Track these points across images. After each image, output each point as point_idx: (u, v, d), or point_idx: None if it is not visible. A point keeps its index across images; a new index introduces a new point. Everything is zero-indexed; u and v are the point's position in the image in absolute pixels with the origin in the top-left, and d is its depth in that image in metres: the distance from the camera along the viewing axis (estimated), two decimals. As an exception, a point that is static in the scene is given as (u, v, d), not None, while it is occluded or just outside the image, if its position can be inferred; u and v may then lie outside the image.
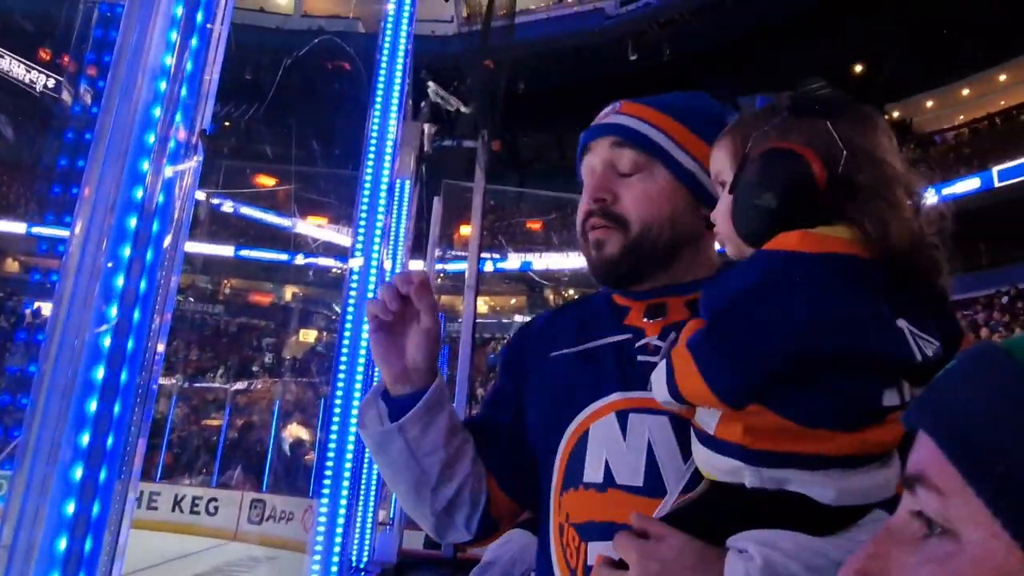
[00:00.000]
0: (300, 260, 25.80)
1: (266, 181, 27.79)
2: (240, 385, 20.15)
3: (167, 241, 1.71)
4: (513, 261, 27.27)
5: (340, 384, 6.61)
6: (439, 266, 16.18)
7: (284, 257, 26.60)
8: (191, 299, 27.06)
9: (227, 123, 25.16)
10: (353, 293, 6.56)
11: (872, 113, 0.88)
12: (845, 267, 0.76)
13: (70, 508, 1.48)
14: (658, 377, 0.83)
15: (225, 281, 29.85)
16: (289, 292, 30.29)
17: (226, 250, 27.12)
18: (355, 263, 6.78)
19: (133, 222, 1.62)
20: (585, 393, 1.02)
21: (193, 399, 19.41)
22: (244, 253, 27.40)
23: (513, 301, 30.14)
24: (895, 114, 26.44)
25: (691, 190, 1.09)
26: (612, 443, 0.97)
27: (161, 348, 1.80)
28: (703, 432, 0.81)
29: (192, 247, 25.20)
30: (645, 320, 1.06)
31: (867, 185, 0.79)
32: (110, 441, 1.55)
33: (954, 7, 20.63)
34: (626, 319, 1.08)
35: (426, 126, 9.29)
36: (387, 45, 5.90)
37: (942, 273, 0.80)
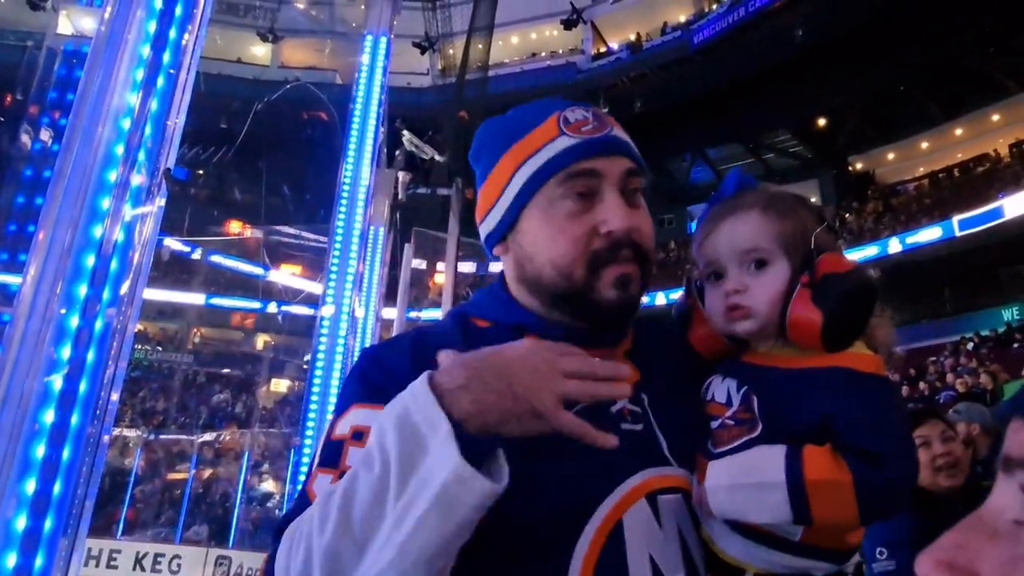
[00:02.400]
0: (272, 308, 25.50)
1: (239, 228, 27.65)
2: (208, 436, 19.62)
3: (125, 285, 1.67)
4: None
5: (309, 434, 6.48)
6: (413, 313, 16.10)
7: (256, 305, 26.29)
8: (159, 348, 26.55)
9: (200, 171, 25.14)
10: (324, 341, 6.49)
11: None
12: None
13: (10, 560, 1.40)
14: (754, 497, 0.81)
15: (195, 329, 29.38)
16: (261, 341, 29.86)
17: (196, 298, 26.78)
18: (327, 311, 6.73)
19: (91, 260, 1.58)
20: (601, 476, 0.86)
21: (158, 451, 18.84)
22: (215, 301, 27.07)
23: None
24: (858, 166, 27.26)
25: None
26: (651, 534, 0.85)
27: (115, 397, 1.73)
28: (779, 538, 0.82)
29: (162, 295, 24.85)
30: None
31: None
32: (57, 489, 1.48)
33: (910, 65, 21.54)
34: None
35: (400, 174, 9.36)
36: (361, 94, 5.98)
37: None
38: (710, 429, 0.91)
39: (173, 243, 20.42)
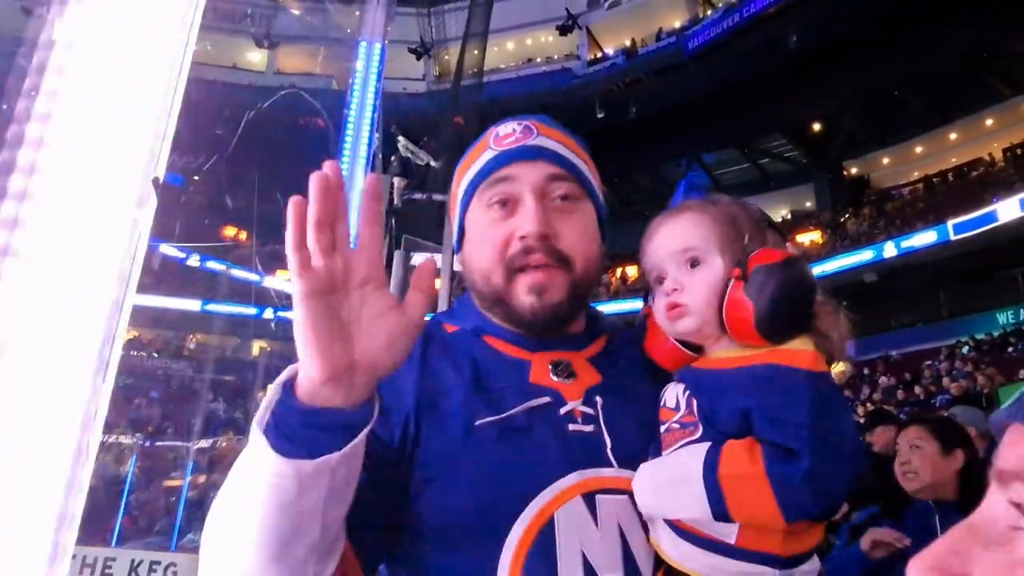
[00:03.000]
0: (269, 315, 25.40)
1: (233, 233, 27.60)
2: (203, 443, 19.51)
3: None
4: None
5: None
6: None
7: (252, 311, 26.20)
8: (155, 354, 26.47)
9: (196, 178, 25.09)
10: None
11: None
12: (837, 385, 0.86)
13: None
14: (673, 492, 0.82)
15: (191, 336, 29.28)
16: (257, 347, 29.76)
17: (192, 304, 26.72)
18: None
19: (78, 270, 1.59)
20: (535, 472, 0.87)
21: (153, 458, 18.74)
22: (211, 308, 26.98)
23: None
24: (853, 170, 27.35)
25: (602, 234, 1.06)
26: (585, 531, 0.85)
27: (105, 406, 1.71)
28: (717, 541, 0.81)
29: (157, 301, 24.77)
30: (556, 380, 0.96)
31: (823, 301, 0.89)
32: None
33: (904, 70, 21.63)
34: (531, 376, 0.96)
35: (396, 179, 9.33)
36: (355, 100, 5.99)
37: None
38: (660, 434, 0.92)
39: (170, 250, 20.36)
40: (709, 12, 25.99)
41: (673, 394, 0.93)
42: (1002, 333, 17.74)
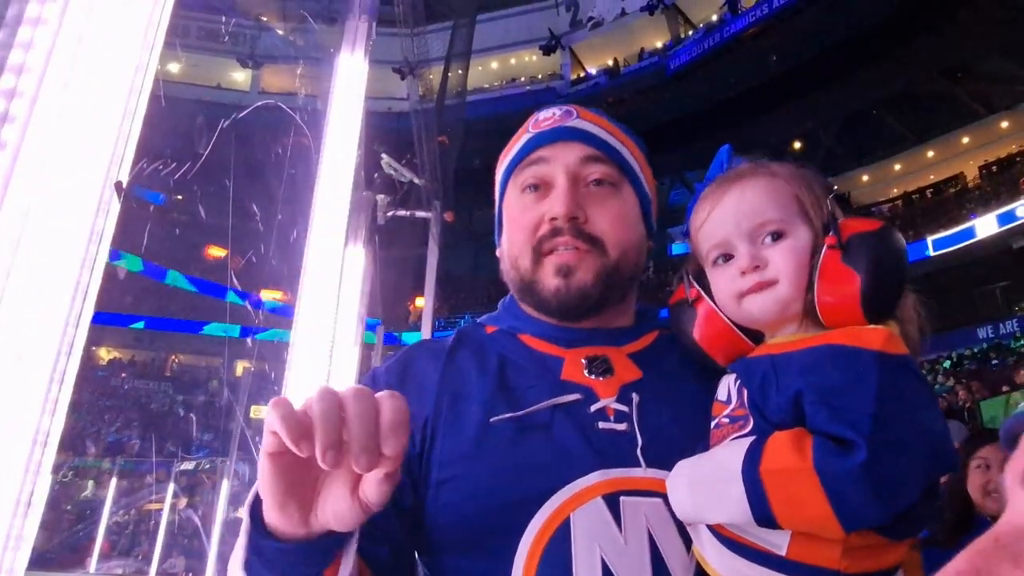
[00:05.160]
0: (251, 336, 25.15)
1: (219, 254, 27.40)
2: (186, 466, 19.21)
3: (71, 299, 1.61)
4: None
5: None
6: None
7: (235, 331, 25.94)
8: (135, 376, 26.11)
9: (179, 197, 24.96)
10: (297, 366, 6.36)
11: None
12: (919, 373, 0.73)
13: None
14: (711, 491, 0.71)
15: (173, 357, 28.93)
16: (240, 367, 29.44)
17: (175, 324, 26.46)
18: (301, 335, 6.60)
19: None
20: (551, 471, 0.81)
21: (133, 481, 18.41)
22: (193, 328, 26.71)
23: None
24: (834, 188, 27.66)
25: (646, 222, 1.00)
26: (606, 536, 0.77)
27: (59, 422, 1.63)
28: (766, 553, 0.69)
29: (138, 321, 24.48)
30: (590, 377, 0.89)
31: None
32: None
33: (882, 89, 22.00)
34: (562, 373, 0.90)
35: (379, 197, 9.32)
36: (337, 117, 5.94)
37: None
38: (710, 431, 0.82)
39: (135, 265, 20.13)
40: (690, 32, 26.36)
41: (725, 386, 0.83)
42: (982, 348, 17.90)
